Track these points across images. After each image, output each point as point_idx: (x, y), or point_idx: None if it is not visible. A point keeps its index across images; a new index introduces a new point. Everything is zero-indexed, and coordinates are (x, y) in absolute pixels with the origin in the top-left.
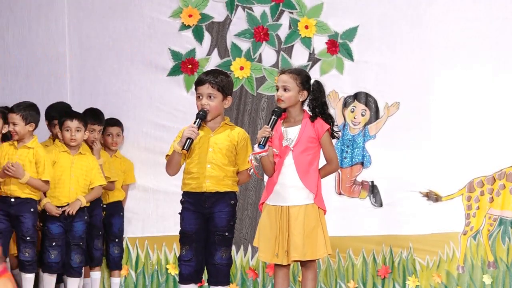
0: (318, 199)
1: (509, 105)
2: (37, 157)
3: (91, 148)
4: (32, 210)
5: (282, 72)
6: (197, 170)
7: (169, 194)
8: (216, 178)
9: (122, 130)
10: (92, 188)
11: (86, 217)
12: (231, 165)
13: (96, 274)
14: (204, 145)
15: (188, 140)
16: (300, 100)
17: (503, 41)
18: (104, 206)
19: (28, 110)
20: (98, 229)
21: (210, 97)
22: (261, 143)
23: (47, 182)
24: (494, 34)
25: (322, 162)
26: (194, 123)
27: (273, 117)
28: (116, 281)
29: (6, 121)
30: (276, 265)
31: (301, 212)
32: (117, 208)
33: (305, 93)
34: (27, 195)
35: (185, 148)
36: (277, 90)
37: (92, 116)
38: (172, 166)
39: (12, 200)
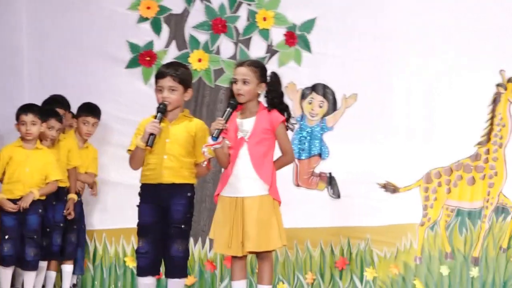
0: (272, 190)
1: (465, 96)
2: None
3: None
4: None
5: (240, 64)
6: (154, 161)
7: (128, 186)
8: (173, 169)
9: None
10: (47, 183)
11: (40, 210)
12: (189, 157)
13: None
14: (162, 136)
15: (151, 136)
16: (259, 92)
17: (459, 30)
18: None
19: None
20: (57, 222)
21: (171, 90)
22: (214, 135)
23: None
24: (451, 24)
25: (277, 154)
26: (155, 117)
27: (228, 109)
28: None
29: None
30: (232, 257)
31: (255, 203)
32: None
33: (263, 85)
34: None
35: (148, 144)
36: (234, 82)
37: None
38: (135, 161)
39: None
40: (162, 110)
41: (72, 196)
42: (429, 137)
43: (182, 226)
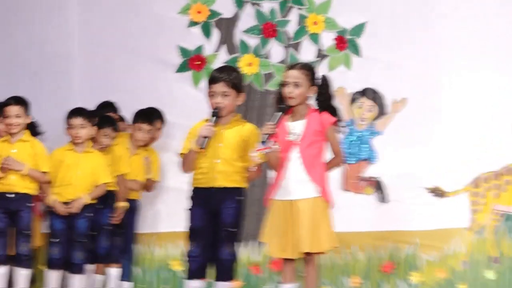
0: (325, 192)
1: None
2: (35, 149)
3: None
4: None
5: (291, 67)
6: (206, 165)
7: (177, 191)
8: (225, 174)
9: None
10: (97, 186)
11: (89, 214)
12: (241, 161)
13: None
14: (215, 140)
15: (205, 138)
16: (310, 95)
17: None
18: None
19: None
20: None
21: (224, 95)
22: (263, 139)
23: (46, 173)
24: (503, 30)
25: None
26: (208, 121)
27: (277, 113)
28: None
29: None
30: (284, 259)
31: (308, 205)
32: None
33: (314, 88)
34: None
35: (202, 146)
36: (284, 85)
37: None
38: (188, 164)
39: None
40: (216, 115)
41: (122, 204)
42: (477, 142)
43: (232, 229)
